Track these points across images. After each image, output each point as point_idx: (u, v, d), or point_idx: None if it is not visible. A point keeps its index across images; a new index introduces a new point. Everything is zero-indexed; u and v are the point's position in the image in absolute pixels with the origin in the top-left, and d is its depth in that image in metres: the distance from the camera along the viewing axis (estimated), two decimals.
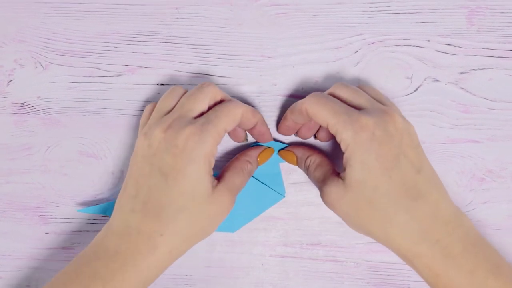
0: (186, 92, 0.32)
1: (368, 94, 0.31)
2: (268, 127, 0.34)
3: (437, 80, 0.36)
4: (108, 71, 0.37)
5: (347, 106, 0.29)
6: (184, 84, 0.37)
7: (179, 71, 0.37)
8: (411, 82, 0.36)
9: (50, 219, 0.37)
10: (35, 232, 0.37)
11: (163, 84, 0.37)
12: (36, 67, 0.37)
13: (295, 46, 0.36)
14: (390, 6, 0.36)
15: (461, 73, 0.36)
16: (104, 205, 0.36)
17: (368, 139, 0.27)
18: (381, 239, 0.29)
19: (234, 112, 0.30)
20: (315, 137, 0.35)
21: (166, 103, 0.31)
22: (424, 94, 0.36)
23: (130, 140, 0.37)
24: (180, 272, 0.37)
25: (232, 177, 0.32)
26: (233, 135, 0.35)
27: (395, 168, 0.27)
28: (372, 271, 0.37)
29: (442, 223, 0.28)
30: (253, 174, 0.35)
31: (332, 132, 0.29)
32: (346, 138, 0.28)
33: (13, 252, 0.37)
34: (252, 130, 0.33)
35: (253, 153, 0.34)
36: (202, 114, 0.30)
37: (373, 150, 0.27)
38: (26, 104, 0.37)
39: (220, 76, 0.37)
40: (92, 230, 0.37)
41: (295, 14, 0.36)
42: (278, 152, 0.36)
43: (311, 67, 0.37)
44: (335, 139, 0.30)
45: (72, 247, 0.37)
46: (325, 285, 0.37)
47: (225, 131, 0.29)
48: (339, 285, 0.37)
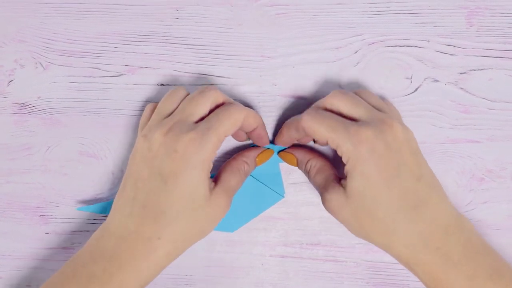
0: (187, 94, 0.32)
1: (366, 100, 0.31)
2: (267, 131, 0.34)
3: (436, 81, 0.36)
4: (108, 71, 0.37)
5: (344, 120, 0.29)
6: (184, 84, 0.37)
7: (179, 71, 0.37)
8: (411, 83, 0.36)
9: (50, 219, 0.37)
10: (35, 232, 0.37)
11: (163, 84, 0.37)
12: (37, 67, 0.37)
13: (295, 46, 0.37)
14: (390, 6, 0.36)
15: (460, 73, 0.36)
16: (103, 203, 0.36)
17: (368, 152, 0.27)
18: (382, 246, 0.29)
19: (235, 117, 0.30)
20: (314, 141, 0.35)
21: (167, 105, 0.31)
22: (423, 94, 0.36)
23: (130, 140, 0.37)
24: (180, 272, 0.37)
25: (229, 178, 0.32)
26: (234, 135, 0.35)
27: (395, 178, 0.28)
28: (372, 271, 0.37)
29: (442, 230, 0.28)
30: (252, 174, 0.35)
31: (333, 147, 0.29)
32: (346, 152, 0.28)
33: (13, 252, 0.37)
34: (251, 133, 0.33)
35: (251, 153, 0.34)
36: (203, 118, 0.30)
37: (373, 162, 0.27)
38: (26, 104, 0.37)
39: (220, 76, 0.37)
40: (92, 230, 0.37)
41: (295, 14, 0.36)
42: (278, 153, 0.36)
43: (311, 67, 0.37)
44: None
45: (72, 247, 0.37)
46: (325, 285, 0.37)
47: (225, 136, 0.29)
48: (339, 285, 0.37)
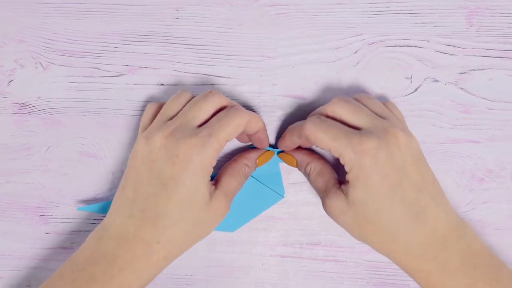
0: (192, 97, 0.32)
1: (368, 107, 0.31)
2: (268, 135, 0.34)
3: (436, 80, 0.36)
4: (109, 71, 0.37)
5: (347, 129, 0.29)
6: (184, 84, 0.37)
7: (179, 71, 0.37)
8: (411, 82, 0.36)
9: (50, 219, 0.37)
10: (35, 232, 0.37)
11: (163, 84, 0.37)
12: (37, 67, 0.37)
13: (295, 46, 0.37)
14: (389, 6, 0.36)
15: (460, 73, 0.36)
16: (103, 203, 0.36)
17: (371, 163, 0.27)
18: (382, 252, 0.30)
19: (237, 122, 0.29)
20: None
21: (171, 107, 0.31)
22: (423, 94, 0.36)
23: (130, 140, 0.37)
24: (180, 271, 0.37)
25: (229, 181, 0.32)
26: (237, 137, 0.35)
27: (397, 189, 0.28)
28: (372, 270, 0.37)
29: (441, 240, 0.28)
30: (252, 174, 0.35)
31: (336, 155, 0.29)
32: (349, 162, 0.28)
33: (13, 252, 0.37)
34: (251, 136, 0.33)
35: (252, 155, 0.34)
36: (206, 121, 0.30)
37: (375, 173, 0.27)
38: (26, 104, 0.37)
39: (220, 76, 0.37)
40: (92, 230, 0.37)
41: (295, 14, 0.36)
42: (278, 154, 0.35)
43: (311, 67, 0.37)
44: None
45: (72, 247, 0.37)
46: (325, 284, 0.37)
47: (226, 141, 0.29)
48: (338, 284, 0.37)
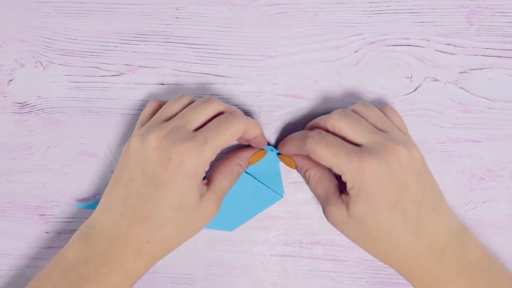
0: (193, 102, 0.32)
1: (367, 120, 0.31)
2: (266, 139, 0.33)
3: (436, 80, 0.36)
4: (109, 70, 0.37)
5: (348, 146, 0.29)
6: (184, 84, 0.37)
7: (179, 70, 0.37)
8: (411, 82, 0.36)
9: (50, 218, 0.37)
10: (35, 231, 0.37)
11: (164, 84, 0.37)
12: (37, 67, 0.37)
13: (295, 46, 0.37)
14: (390, 6, 0.36)
15: (460, 72, 0.36)
16: None
17: (372, 180, 0.28)
18: (381, 261, 0.31)
19: (234, 130, 0.30)
20: None
21: (170, 108, 0.31)
22: (423, 94, 0.36)
23: None
24: (180, 271, 0.37)
25: (221, 180, 0.32)
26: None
27: (397, 205, 0.28)
28: (372, 270, 0.37)
29: (439, 253, 0.29)
30: (252, 174, 0.35)
31: (337, 172, 0.29)
32: (351, 179, 0.28)
33: (13, 251, 0.37)
34: (249, 140, 0.33)
35: (245, 155, 0.34)
36: (202, 126, 0.30)
37: (377, 190, 0.28)
38: (26, 103, 0.37)
39: (220, 76, 0.37)
40: None
41: (295, 13, 0.36)
42: (278, 155, 0.35)
43: (311, 67, 0.37)
44: None
45: None
46: (324, 284, 0.37)
47: (222, 148, 0.30)
48: (338, 284, 0.37)
